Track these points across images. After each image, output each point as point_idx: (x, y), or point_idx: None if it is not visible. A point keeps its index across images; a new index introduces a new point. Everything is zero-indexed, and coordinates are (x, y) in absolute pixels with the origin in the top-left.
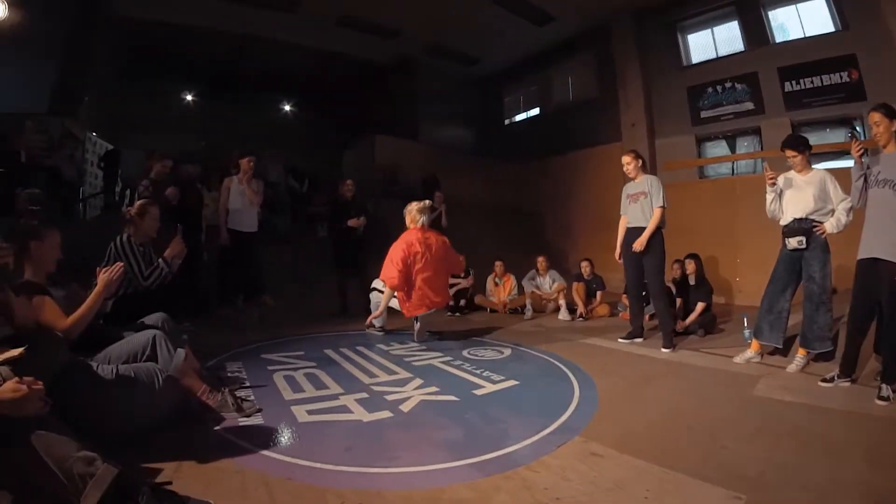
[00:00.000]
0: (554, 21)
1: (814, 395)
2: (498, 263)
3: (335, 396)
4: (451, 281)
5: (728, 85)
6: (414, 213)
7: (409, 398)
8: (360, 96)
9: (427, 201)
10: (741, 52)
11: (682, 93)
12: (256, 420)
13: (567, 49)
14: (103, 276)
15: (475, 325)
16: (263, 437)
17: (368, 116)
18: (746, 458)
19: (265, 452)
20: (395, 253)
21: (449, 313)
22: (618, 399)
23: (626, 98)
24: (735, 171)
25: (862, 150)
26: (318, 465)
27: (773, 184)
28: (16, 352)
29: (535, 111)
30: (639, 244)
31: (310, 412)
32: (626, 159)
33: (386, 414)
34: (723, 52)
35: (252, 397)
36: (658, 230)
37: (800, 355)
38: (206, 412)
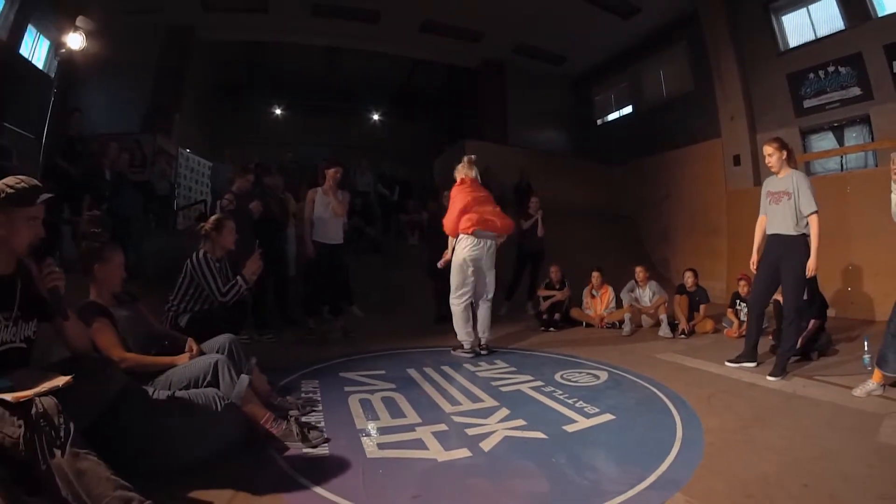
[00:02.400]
0: (640, 12)
1: None
2: (595, 274)
3: (411, 427)
4: (545, 293)
5: (831, 69)
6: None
7: (491, 433)
8: (450, 102)
9: (472, 156)
10: (842, 30)
11: (781, 81)
12: (322, 451)
13: (656, 42)
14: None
15: (570, 342)
16: (325, 473)
17: (459, 122)
18: None
19: (323, 492)
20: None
21: (543, 328)
22: (726, 444)
23: (722, 90)
24: (844, 166)
25: None
26: None
27: None
28: (62, 380)
29: (628, 109)
30: (812, 268)
31: (381, 446)
32: (767, 150)
33: (464, 453)
34: (822, 32)
35: (322, 423)
36: (806, 238)
37: None
38: (271, 441)
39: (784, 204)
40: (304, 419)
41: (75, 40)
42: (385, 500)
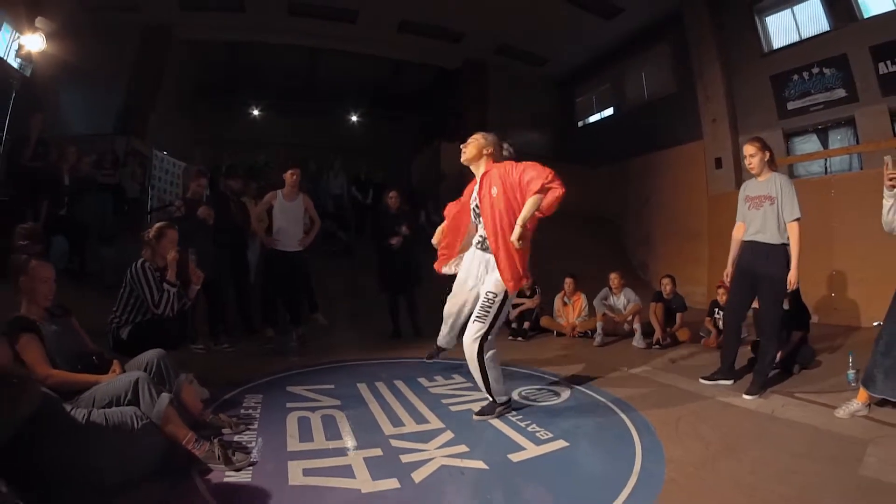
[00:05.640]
0: (622, 13)
1: None
2: (568, 280)
3: (343, 451)
4: (515, 301)
5: (815, 70)
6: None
7: (427, 461)
8: (432, 103)
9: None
10: (826, 32)
11: (765, 82)
12: (245, 475)
13: (638, 43)
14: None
15: (537, 353)
16: (242, 500)
17: (441, 123)
18: None
19: None
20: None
21: (511, 337)
22: (688, 480)
23: (704, 91)
24: (828, 170)
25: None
26: None
27: (895, 186)
28: None
29: (609, 111)
30: (793, 282)
31: (306, 472)
32: (749, 150)
33: (392, 483)
34: (806, 33)
35: (253, 443)
36: (786, 248)
37: None
38: (194, 462)
39: (766, 209)
40: (235, 438)
41: (35, 42)
42: None
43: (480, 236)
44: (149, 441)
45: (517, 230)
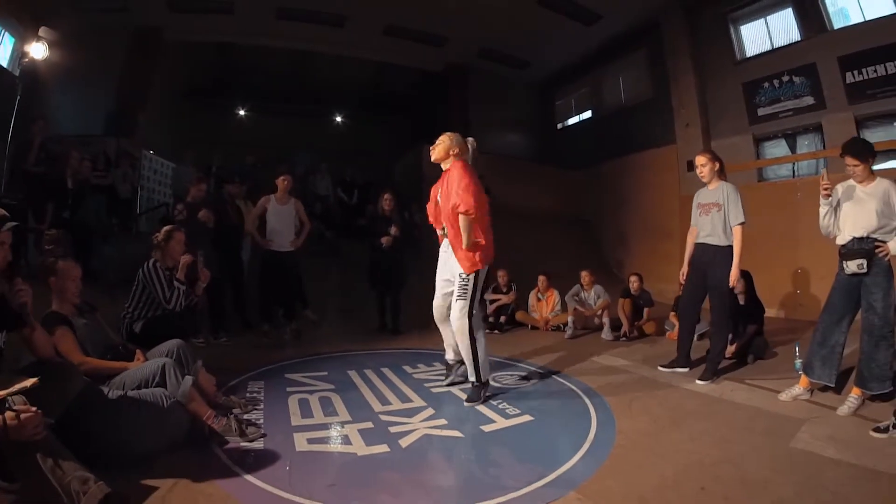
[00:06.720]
0: (602, 19)
1: (863, 450)
2: (541, 278)
3: (340, 425)
4: (492, 297)
5: (785, 79)
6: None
7: (412, 431)
8: (416, 106)
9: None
10: (797, 41)
11: (737, 89)
12: (258, 445)
13: (617, 49)
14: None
15: (512, 344)
16: (257, 464)
17: (423, 126)
18: None
19: (253, 479)
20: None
21: (488, 330)
22: (635, 446)
23: (678, 97)
24: (796, 173)
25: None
26: (296, 499)
27: (828, 195)
28: (29, 382)
29: (588, 114)
30: (734, 280)
31: (310, 441)
32: (700, 160)
33: (383, 448)
34: (778, 42)
35: (261, 420)
36: (731, 248)
37: (853, 395)
38: (213, 435)
39: (714, 215)
40: (245, 416)
41: (38, 50)
42: (305, 487)
43: (443, 226)
44: (176, 417)
45: (465, 245)
